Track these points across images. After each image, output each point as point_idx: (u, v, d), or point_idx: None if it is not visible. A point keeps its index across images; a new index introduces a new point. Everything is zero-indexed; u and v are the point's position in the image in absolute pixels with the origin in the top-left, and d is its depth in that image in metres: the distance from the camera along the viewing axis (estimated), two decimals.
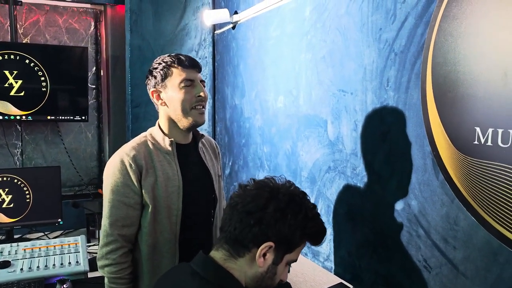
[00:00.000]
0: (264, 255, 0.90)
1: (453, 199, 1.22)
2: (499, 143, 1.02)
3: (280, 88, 2.12)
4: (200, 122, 1.35)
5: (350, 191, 1.67)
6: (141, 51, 2.77)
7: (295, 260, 0.97)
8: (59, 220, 2.30)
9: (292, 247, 0.93)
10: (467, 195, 1.13)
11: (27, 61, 2.58)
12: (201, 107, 1.33)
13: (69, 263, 1.85)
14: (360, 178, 1.61)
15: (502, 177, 1.02)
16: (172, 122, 1.34)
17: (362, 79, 1.56)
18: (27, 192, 2.29)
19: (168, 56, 1.35)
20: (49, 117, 2.69)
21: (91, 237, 2.42)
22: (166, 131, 1.36)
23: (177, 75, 1.31)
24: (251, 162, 2.46)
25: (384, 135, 1.48)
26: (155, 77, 1.35)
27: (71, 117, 2.78)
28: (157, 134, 1.36)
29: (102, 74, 3.07)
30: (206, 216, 1.43)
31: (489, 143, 1.04)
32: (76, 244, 2.01)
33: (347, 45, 1.63)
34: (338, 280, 1.71)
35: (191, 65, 1.34)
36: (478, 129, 1.07)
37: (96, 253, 2.13)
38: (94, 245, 2.29)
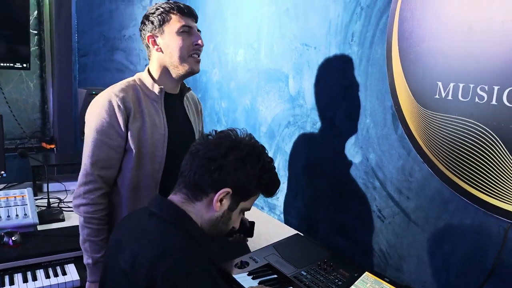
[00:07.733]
0: (221, 200, 0.95)
1: (410, 152, 1.27)
2: (460, 97, 1.06)
3: (241, 41, 2.07)
4: (196, 70, 1.37)
5: (309, 146, 1.70)
6: None
7: (249, 209, 1.04)
8: (2, 172, 2.16)
9: (247, 195, 0.98)
10: (424, 147, 1.19)
11: None
12: (198, 55, 1.34)
13: (17, 215, 1.75)
14: (320, 133, 1.64)
15: (460, 129, 1.08)
16: (164, 70, 1.34)
17: (326, 33, 1.56)
18: None
19: (166, 2, 1.36)
20: None
21: (38, 191, 2.30)
22: (156, 77, 1.35)
23: (176, 21, 1.31)
24: (208, 117, 2.42)
25: (346, 90, 1.51)
26: (152, 22, 1.33)
27: (11, 64, 2.57)
28: (146, 80, 1.34)
29: (45, 19, 2.83)
30: None
31: (449, 97, 1.09)
32: (23, 196, 1.90)
33: None
34: (293, 232, 1.76)
35: (190, 13, 1.35)
36: (440, 83, 1.11)
37: (45, 206, 2.06)
38: (41, 198, 2.18)
